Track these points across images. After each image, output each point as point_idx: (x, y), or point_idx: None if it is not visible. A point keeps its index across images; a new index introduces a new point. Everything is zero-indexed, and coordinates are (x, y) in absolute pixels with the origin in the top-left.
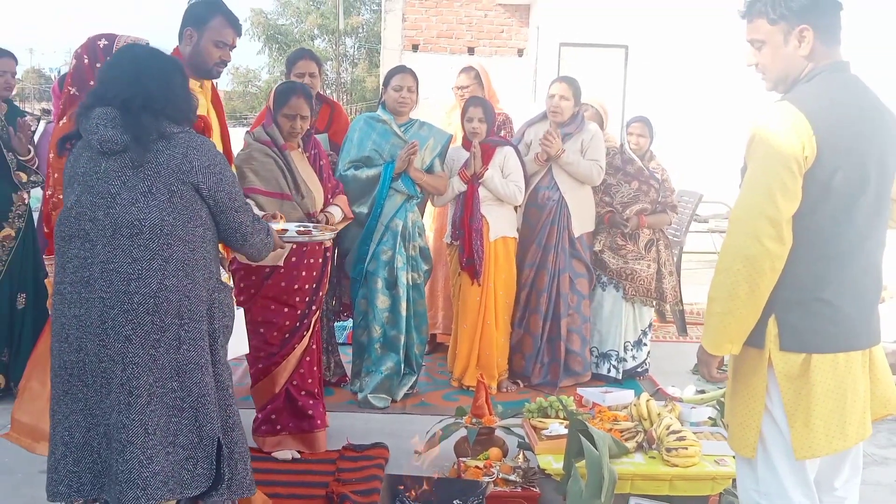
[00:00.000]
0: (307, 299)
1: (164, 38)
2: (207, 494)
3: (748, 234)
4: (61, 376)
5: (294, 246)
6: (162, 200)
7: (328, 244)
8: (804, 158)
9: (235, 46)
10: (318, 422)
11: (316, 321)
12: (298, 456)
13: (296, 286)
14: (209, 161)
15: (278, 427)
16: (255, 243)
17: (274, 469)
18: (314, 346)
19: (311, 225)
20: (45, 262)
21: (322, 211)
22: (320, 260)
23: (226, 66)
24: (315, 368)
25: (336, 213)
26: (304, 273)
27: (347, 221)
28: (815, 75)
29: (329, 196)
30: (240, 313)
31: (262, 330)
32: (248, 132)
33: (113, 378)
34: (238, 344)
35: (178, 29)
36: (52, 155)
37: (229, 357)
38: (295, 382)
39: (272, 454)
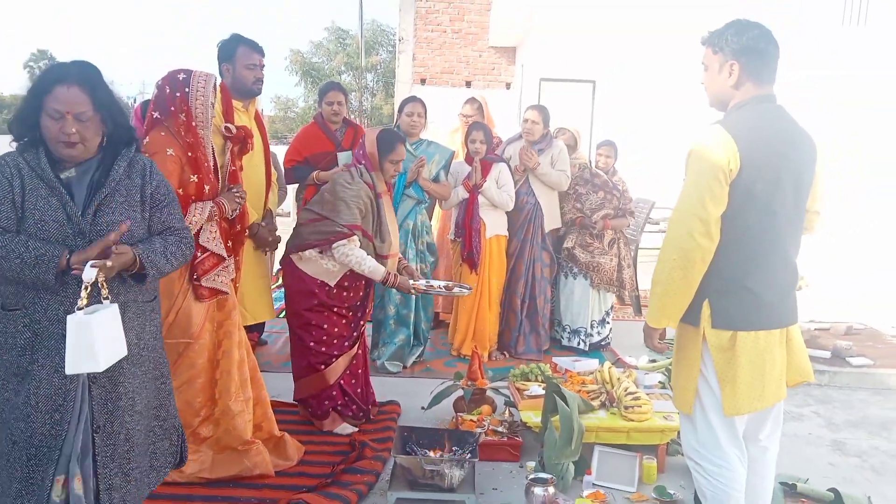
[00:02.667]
0: (353, 314)
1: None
2: None
3: (683, 231)
4: None
5: (348, 272)
6: None
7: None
8: (729, 170)
9: (264, 65)
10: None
11: (362, 331)
12: None
13: (346, 302)
14: None
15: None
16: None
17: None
18: (360, 352)
19: (452, 283)
20: None
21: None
22: (363, 282)
23: (262, 82)
24: (361, 371)
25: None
26: (350, 294)
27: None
28: (744, 104)
29: None
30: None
31: (314, 332)
32: (345, 165)
33: None
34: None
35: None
36: None
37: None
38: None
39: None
